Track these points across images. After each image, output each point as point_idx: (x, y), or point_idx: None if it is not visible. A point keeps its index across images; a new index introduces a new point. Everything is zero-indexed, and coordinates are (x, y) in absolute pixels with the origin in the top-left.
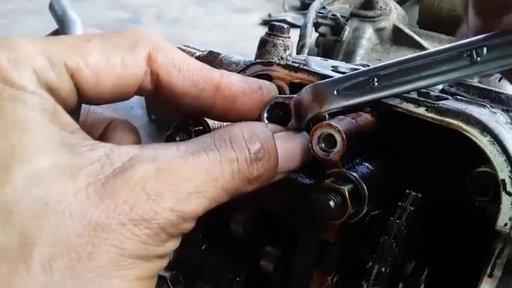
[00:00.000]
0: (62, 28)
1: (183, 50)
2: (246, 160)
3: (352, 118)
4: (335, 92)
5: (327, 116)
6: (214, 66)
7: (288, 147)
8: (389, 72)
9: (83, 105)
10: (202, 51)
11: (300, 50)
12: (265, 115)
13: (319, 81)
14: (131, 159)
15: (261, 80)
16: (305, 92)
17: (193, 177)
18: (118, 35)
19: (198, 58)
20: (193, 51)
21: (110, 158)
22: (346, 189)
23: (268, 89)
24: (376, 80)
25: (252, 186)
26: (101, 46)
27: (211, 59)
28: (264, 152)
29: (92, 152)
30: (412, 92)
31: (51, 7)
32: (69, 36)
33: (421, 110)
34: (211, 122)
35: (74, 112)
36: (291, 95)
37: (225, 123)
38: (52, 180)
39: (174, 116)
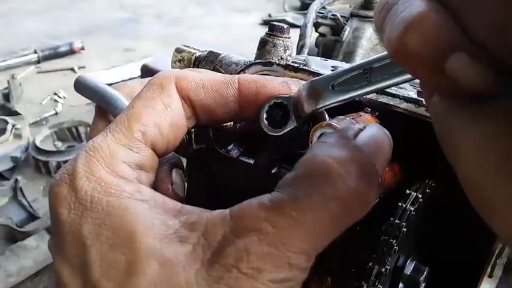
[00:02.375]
0: (107, 104)
1: (183, 50)
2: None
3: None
4: (330, 88)
5: (325, 114)
6: (214, 66)
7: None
8: (383, 64)
9: None
10: (202, 51)
11: (300, 50)
12: (265, 116)
13: (314, 78)
14: (223, 239)
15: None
16: (301, 89)
17: (289, 239)
18: (146, 88)
19: (198, 58)
20: (193, 51)
21: (207, 239)
22: None
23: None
24: (370, 72)
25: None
26: (143, 105)
27: (211, 59)
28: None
29: (189, 235)
30: (412, 92)
31: (81, 85)
32: (121, 115)
33: (421, 110)
34: None
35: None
36: (289, 94)
37: None
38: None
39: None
